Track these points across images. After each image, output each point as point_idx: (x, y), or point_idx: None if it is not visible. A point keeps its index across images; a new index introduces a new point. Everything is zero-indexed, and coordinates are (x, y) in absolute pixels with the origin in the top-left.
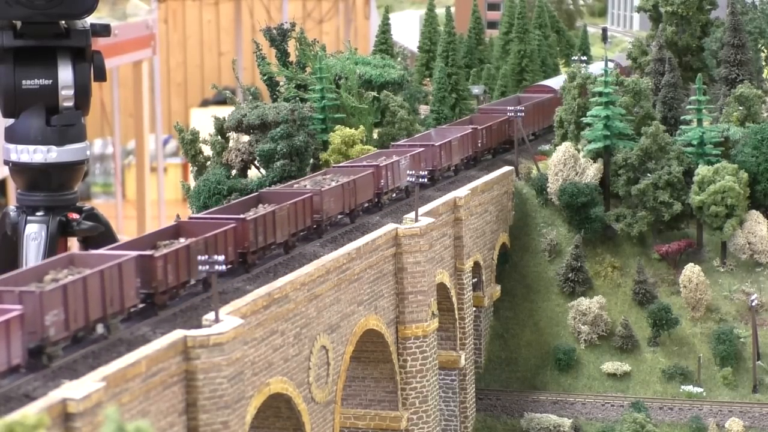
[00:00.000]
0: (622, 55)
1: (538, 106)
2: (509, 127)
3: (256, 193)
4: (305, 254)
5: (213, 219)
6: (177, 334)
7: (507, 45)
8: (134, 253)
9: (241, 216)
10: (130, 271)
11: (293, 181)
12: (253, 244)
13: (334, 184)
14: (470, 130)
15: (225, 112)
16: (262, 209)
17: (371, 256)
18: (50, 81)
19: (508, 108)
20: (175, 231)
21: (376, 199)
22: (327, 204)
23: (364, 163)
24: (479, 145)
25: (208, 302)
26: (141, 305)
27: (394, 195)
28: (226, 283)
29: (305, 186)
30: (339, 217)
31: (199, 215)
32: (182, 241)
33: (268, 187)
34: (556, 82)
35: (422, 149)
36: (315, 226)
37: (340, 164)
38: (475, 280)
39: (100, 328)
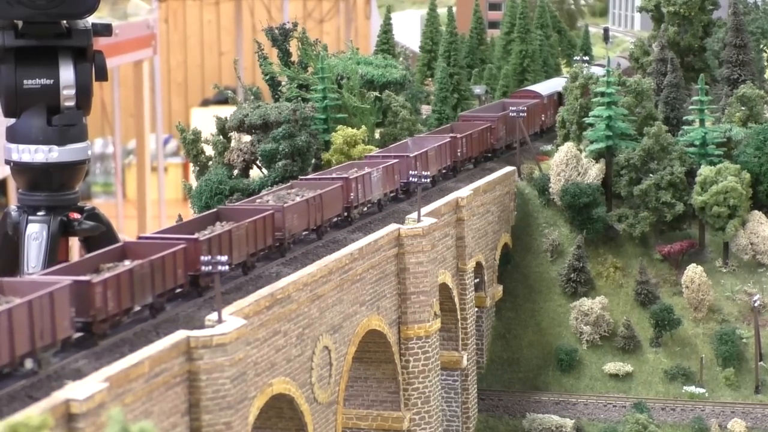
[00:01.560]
0: (624, 55)
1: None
2: (491, 135)
3: (214, 210)
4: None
5: (162, 239)
6: (180, 334)
7: (508, 45)
8: (68, 280)
9: (193, 236)
10: (64, 300)
11: (256, 196)
12: (205, 264)
13: (298, 199)
14: (448, 140)
15: (225, 111)
16: (219, 227)
17: (374, 257)
18: (51, 81)
19: (510, 108)
20: (121, 252)
21: (346, 214)
22: (290, 221)
23: (334, 175)
24: (459, 154)
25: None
26: (77, 335)
27: (365, 209)
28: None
29: (268, 201)
30: (304, 234)
31: (150, 235)
32: (126, 264)
33: (227, 203)
34: (543, 87)
35: (396, 161)
36: (277, 245)
37: (308, 177)
38: (477, 280)
39: (29, 363)
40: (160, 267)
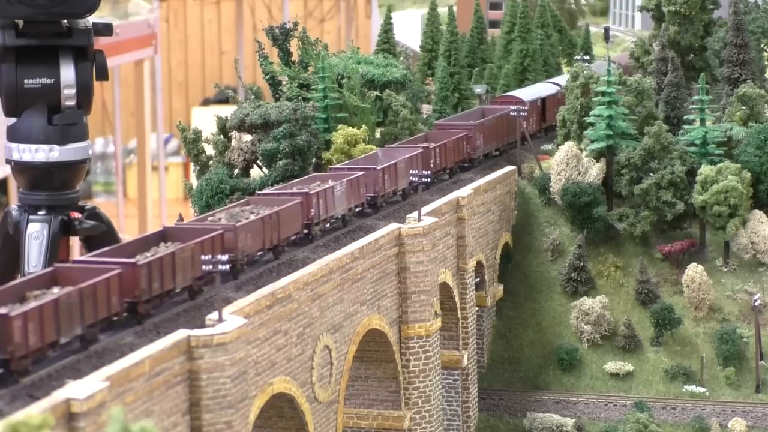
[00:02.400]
0: (625, 55)
1: (501, 120)
2: (468, 144)
3: (160, 229)
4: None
5: (97, 263)
6: (181, 333)
7: (509, 44)
8: None
9: (131, 260)
10: None
11: (208, 214)
12: (145, 292)
13: (253, 217)
14: (420, 150)
15: (226, 111)
16: (163, 249)
17: (374, 256)
18: (52, 80)
19: (511, 107)
20: (51, 278)
21: (306, 231)
22: (243, 241)
23: (294, 190)
24: (431, 165)
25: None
26: None
27: (327, 225)
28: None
29: (220, 219)
30: (259, 254)
31: (85, 258)
32: (55, 292)
33: (176, 224)
34: (526, 93)
35: (362, 173)
36: (229, 267)
37: (265, 192)
38: (478, 279)
39: None
40: (91, 295)
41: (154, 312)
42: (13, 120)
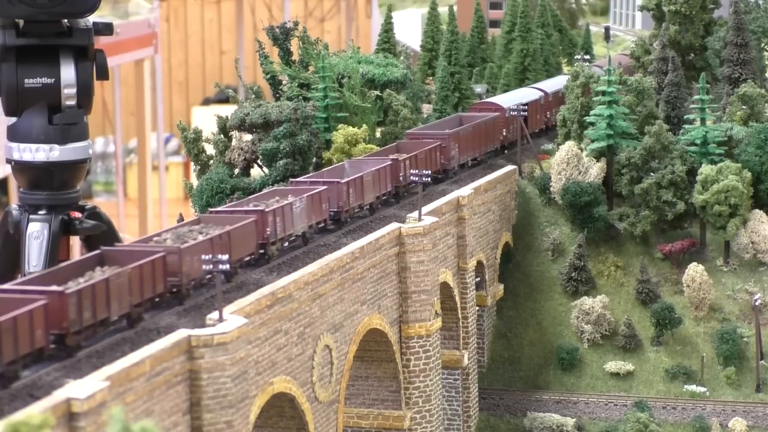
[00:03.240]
0: (624, 55)
1: (479, 128)
2: (442, 155)
3: (98, 251)
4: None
5: (22, 292)
6: (181, 333)
7: (510, 44)
8: None
9: (58, 289)
10: None
11: (154, 234)
12: (75, 323)
13: (201, 237)
14: (389, 162)
15: (226, 110)
16: (99, 273)
17: (374, 256)
18: (53, 80)
19: (510, 107)
20: None
21: (262, 251)
22: (189, 264)
23: (250, 207)
24: (401, 178)
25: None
26: None
27: (286, 244)
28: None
29: (165, 240)
30: (208, 277)
31: (9, 286)
32: None
33: (115, 246)
34: (506, 99)
35: (324, 188)
36: (173, 291)
37: (218, 209)
38: (478, 279)
39: None
40: (10, 330)
41: (86, 344)
42: (14, 119)
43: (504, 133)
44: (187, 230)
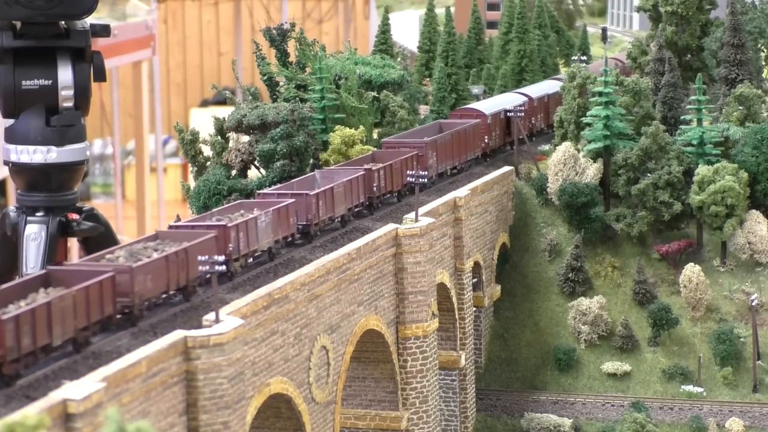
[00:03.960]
0: (621, 55)
1: (458, 136)
2: (419, 164)
3: (42, 272)
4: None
5: None
6: (177, 334)
7: (507, 45)
8: None
9: None
10: None
11: (107, 251)
12: (12, 351)
13: (155, 255)
14: (362, 173)
15: (224, 112)
16: (42, 296)
17: (371, 257)
18: (50, 81)
19: (508, 109)
20: None
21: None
22: (141, 284)
23: (213, 221)
24: (375, 189)
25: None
26: None
27: (250, 260)
28: None
29: (118, 258)
30: (164, 297)
31: None
32: None
33: (63, 264)
34: (488, 105)
35: (292, 200)
36: (125, 312)
37: (179, 224)
38: (476, 280)
39: None
40: None
41: (25, 372)
42: (11, 121)
43: (486, 141)
44: (142, 247)
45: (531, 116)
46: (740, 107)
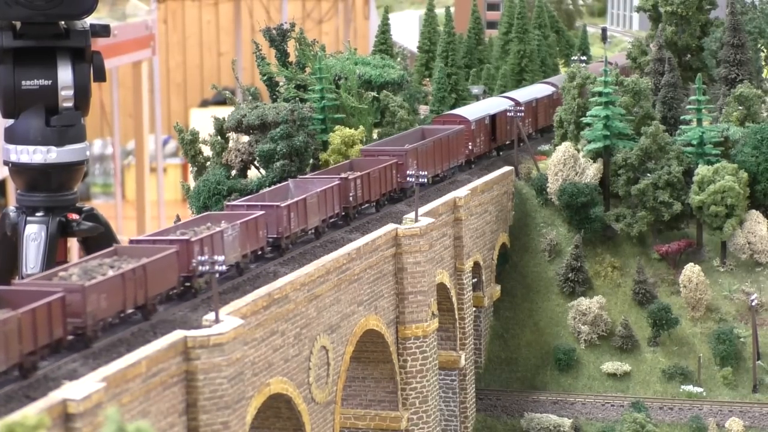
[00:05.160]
0: (621, 55)
1: (440, 143)
2: (398, 173)
3: None
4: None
5: None
6: (177, 334)
7: (506, 45)
8: None
9: None
10: None
11: (60, 268)
12: None
13: (110, 272)
14: (337, 182)
15: (224, 112)
16: None
17: (371, 257)
18: (50, 81)
19: (508, 109)
20: None
21: (187, 284)
22: (94, 303)
23: (177, 235)
24: (351, 199)
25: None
26: None
27: (217, 276)
28: None
29: (71, 276)
30: (122, 316)
31: None
32: None
33: (12, 284)
34: (472, 111)
35: (261, 213)
36: (78, 334)
37: (140, 238)
38: (475, 280)
39: None
40: None
41: None
42: (11, 121)
43: (470, 147)
44: (98, 264)
45: (518, 122)
46: (740, 107)
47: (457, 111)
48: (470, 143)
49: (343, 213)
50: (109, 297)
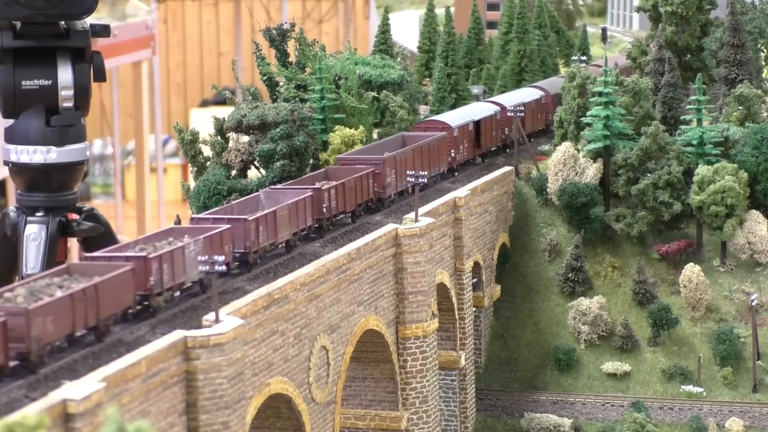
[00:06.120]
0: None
1: (421, 151)
2: (375, 182)
3: None
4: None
5: None
6: (177, 334)
7: (506, 45)
8: None
9: None
10: None
11: (6, 288)
12: None
13: (59, 293)
14: (310, 193)
15: (224, 112)
16: None
17: (371, 257)
18: (50, 81)
19: (508, 108)
20: None
21: (146, 303)
22: (39, 327)
23: (136, 251)
24: (324, 210)
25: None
26: None
27: (177, 293)
28: None
29: (17, 297)
30: (74, 337)
31: None
32: None
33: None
34: (455, 117)
35: (227, 227)
36: (22, 361)
37: (95, 254)
38: (475, 280)
39: None
40: None
41: None
42: (11, 121)
43: (452, 155)
44: (45, 284)
45: (504, 126)
46: (740, 107)
47: (438, 117)
48: (453, 150)
49: (317, 225)
50: (57, 319)
